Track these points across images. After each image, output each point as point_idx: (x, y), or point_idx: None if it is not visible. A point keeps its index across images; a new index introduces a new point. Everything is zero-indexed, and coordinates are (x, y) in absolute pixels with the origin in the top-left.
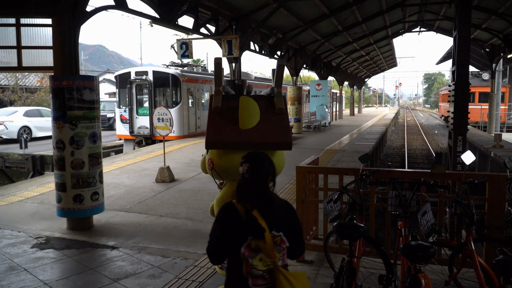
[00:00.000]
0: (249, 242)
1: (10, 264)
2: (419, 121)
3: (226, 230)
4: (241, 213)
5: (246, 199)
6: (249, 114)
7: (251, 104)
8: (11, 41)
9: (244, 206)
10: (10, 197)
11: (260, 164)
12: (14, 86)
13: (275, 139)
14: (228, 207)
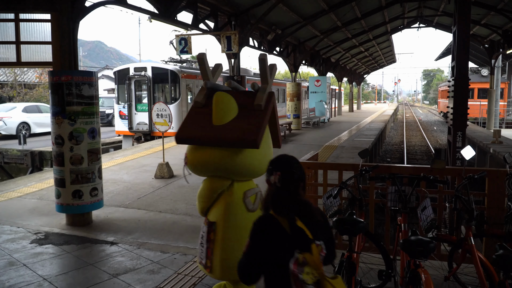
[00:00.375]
0: (297, 256)
1: (9, 259)
2: (418, 117)
3: (268, 245)
4: (284, 225)
5: (286, 210)
6: (222, 110)
7: (226, 100)
8: (10, 36)
9: (286, 217)
10: (9, 193)
11: (292, 169)
12: (13, 82)
13: (239, 136)
14: (268, 220)
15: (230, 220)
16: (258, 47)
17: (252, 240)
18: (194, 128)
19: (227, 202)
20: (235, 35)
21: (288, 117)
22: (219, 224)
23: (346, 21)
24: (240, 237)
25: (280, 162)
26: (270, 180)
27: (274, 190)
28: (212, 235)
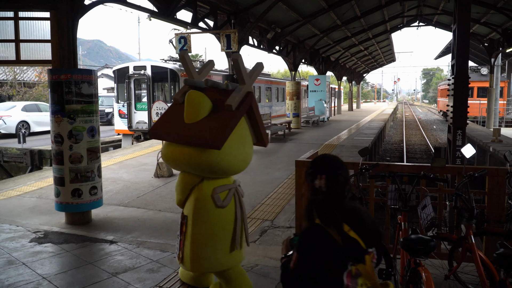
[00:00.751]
0: (350, 268)
1: (8, 258)
2: (417, 116)
3: (319, 259)
4: (334, 236)
5: (335, 219)
6: (193, 108)
7: (197, 98)
8: (10, 34)
9: (335, 227)
10: (8, 192)
11: (338, 171)
12: (12, 81)
13: (203, 137)
14: (317, 231)
15: (199, 215)
16: (258, 45)
17: (301, 254)
18: (167, 125)
19: (196, 198)
20: (235, 33)
21: (288, 116)
22: (189, 218)
23: (345, 20)
24: (209, 232)
25: (324, 164)
26: (315, 185)
27: (320, 196)
28: (184, 228)
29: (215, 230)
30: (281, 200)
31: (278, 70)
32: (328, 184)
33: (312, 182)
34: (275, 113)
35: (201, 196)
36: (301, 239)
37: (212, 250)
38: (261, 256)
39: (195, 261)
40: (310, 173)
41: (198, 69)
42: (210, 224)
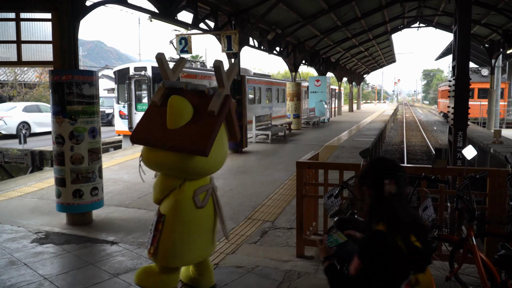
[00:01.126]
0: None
1: (10, 258)
2: (418, 117)
3: (383, 267)
4: (400, 244)
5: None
6: (175, 115)
7: (180, 104)
8: (11, 35)
9: (405, 234)
10: (9, 192)
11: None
12: (13, 82)
13: (190, 145)
14: (384, 239)
15: (178, 215)
16: (258, 46)
17: (365, 261)
18: (148, 130)
19: (177, 199)
20: (235, 34)
21: (288, 117)
22: (168, 217)
23: (346, 21)
24: (187, 231)
25: (389, 168)
26: (385, 191)
27: (389, 202)
28: (160, 226)
29: (193, 229)
30: (282, 201)
31: (279, 71)
32: (398, 189)
33: (373, 187)
34: (275, 114)
35: (182, 198)
36: (366, 246)
37: (188, 246)
38: (262, 257)
39: (171, 257)
40: (372, 177)
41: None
42: (189, 223)
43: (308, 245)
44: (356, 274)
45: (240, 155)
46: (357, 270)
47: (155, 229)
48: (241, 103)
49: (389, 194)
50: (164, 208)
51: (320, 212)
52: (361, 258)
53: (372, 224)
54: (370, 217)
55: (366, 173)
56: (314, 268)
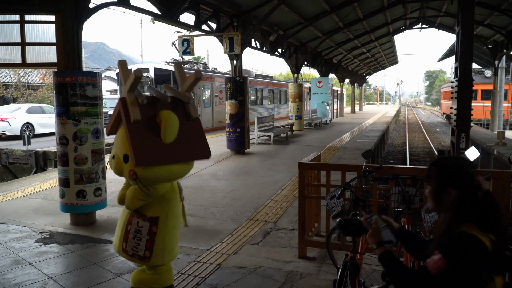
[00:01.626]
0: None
1: (15, 258)
2: (420, 118)
3: (469, 269)
4: (488, 245)
5: (499, 225)
6: (173, 130)
7: (173, 119)
8: (15, 37)
9: (489, 236)
10: (14, 193)
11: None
12: (17, 83)
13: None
14: (473, 240)
15: (172, 212)
16: (260, 48)
17: (451, 261)
18: (150, 150)
19: (170, 198)
20: (237, 36)
21: (290, 118)
22: (162, 218)
23: (348, 22)
24: (177, 225)
25: (472, 165)
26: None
27: (482, 200)
28: (154, 229)
29: (177, 222)
30: (284, 202)
31: (281, 72)
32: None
33: (464, 187)
34: (277, 115)
35: (173, 195)
36: (455, 246)
37: (176, 240)
38: (264, 258)
39: (167, 254)
40: (462, 176)
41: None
42: (177, 217)
43: (310, 246)
44: (439, 273)
45: (242, 156)
46: (440, 269)
47: (149, 233)
48: (243, 104)
49: (486, 191)
50: (155, 211)
51: (322, 213)
52: (448, 258)
53: (455, 227)
54: (455, 220)
55: (454, 173)
56: (316, 269)
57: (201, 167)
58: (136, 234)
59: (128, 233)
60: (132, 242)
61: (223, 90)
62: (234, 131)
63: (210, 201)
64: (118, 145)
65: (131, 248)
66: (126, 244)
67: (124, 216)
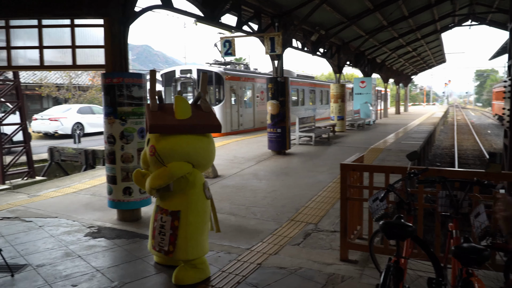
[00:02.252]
0: None
1: (66, 250)
2: (470, 120)
3: None
4: None
5: None
6: (183, 108)
7: (184, 101)
8: (66, 41)
9: None
10: (65, 189)
11: None
12: (68, 85)
13: (207, 123)
14: None
15: (193, 208)
16: (302, 48)
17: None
18: (163, 121)
19: (190, 193)
20: (279, 36)
21: (332, 119)
22: (183, 212)
23: (392, 20)
24: (201, 221)
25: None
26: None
27: None
28: (176, 222)
29: (205, 219)
30: (325, 204)
31: (322, 73)
32: None
33: None
34: (319, 116)
35: (196, 192)
36: None
37: (203, 237)
38: (304, 259)
39: (190, 248)
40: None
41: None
42: (201, 214)
43: (352, 248)
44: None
45: (283, 157)
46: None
47: (171, 227)
48: (284, 105)
49: None
50: (176, 205)
51: (365, 216)
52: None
53: None
54: None
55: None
56: (358, 272)
57: (242, 167)
58: (161, 230)
59: (154, 230)
60: (158, 238)
61: (264, 91)
62: (275, 131)
63: (251, 201)
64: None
65: (157, 244)
66: (154, 241)
67: (152, 216)
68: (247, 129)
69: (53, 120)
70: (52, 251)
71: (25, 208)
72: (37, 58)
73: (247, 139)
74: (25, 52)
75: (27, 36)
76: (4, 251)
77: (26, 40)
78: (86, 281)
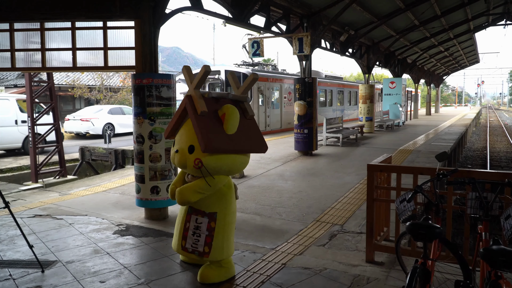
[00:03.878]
0: None
1: (94, 247)
2: (503, 121)
3: None
4: None
5: None
6: (234, 121)
7: (236, 112)
8: (99, 43)
9: None
10: (95, 187)
11: None
12: (100, 86)
13: (256, 146)
14: None
15: (229, 208)
16: (330, 48)
17: None
18: (216, 139)
19: (225, 193)
20: (307, 36)
21: (361, 120)
22: (220, 213)
23: (424, 20)
24: (232, 221)
25: None
26: None
27: None
28: (213, 224)
29: (234, 219)
30: (352, 205)
31: (351, 73)
32: None
33: None
34: (347, 117)
35: (229, 192)
36: None
37: (233, 236)
38: (330, 260)
39: (226, 249)
40: None
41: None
42: (233, 213)
43: (378, 250)
44: None
45: (310, 158)
46: None
47: (207, 229)
48: (312, 105)
49: None
50: (213, 207)
51: (392, 218)
52: None
53: None
54: None
55: None
56: (384, 274)
57: (268, 167)
58: (195, 231)
59: (187, 230)
60: (192, 238)
61: (291, 92)
62: (302, 132)
63: (276, 201)
64: (182, 139)
65: (190, 245)
66: (185, 241)
67: (181, 216)
68: (274, 130)
69: (85, 121)
70: (81, 248)
71: (56, 206)
72: (70, 60)
73: (274, 139)
74: (58, 54)
75: (60, 38)
76: (35, 247)
77: (60, 42)
78: (114, 278)
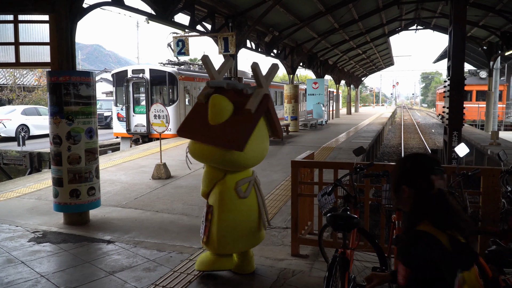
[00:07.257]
0: (459, 276)
1: (7, 257)
2: (416, 120)
3: (431, 269)
4: (444, 242)
5: (454, 221)
6: (215, 112)
7: (220, 103)
8: (9, 37)
9: (447, 233)
10: (7, 193)
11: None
12: (12, 85)
13: (227, 140)
14: (426, 239)
15: (223, 205)
16: (255, 49)
17: (412, 267)
18: (193, 125)
19: (220, 190)
20: (232, 36)
21: (286, 119)
22: (215, 208)
23: (343, 23)
24: (233, 220)
25: (435, 162)
26: (435, 185)
27: (436, 198)
28: (209, 216)
29: (240, 218)
30: (278, 202)
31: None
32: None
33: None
34: None
35: (225, 189)
36: (411, 249)
37: (236, 234)
38: (257, 256)
39: (221, 244)
40: (417, 174)
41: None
42: (233, 212)
43: (303, 243)
44: (406, 283)
45: None
46: (406, 278)
47: (206, 219)
48: None
49: (438, 190)
50: (211, 200)
51: (316, 212)
52: (408, 265)
53: (413, 225)
54: (412, 218)
55: (407, 171)
56: (308, 266)
57: (196, 167)
58: (203, 219)
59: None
60: (202, 226)
61: None
62: None
63: (203, 201)
64: None
65: (201, 232)
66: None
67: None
68: None
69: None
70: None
71: None
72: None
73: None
74: None
75: None
76: None
77: None
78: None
